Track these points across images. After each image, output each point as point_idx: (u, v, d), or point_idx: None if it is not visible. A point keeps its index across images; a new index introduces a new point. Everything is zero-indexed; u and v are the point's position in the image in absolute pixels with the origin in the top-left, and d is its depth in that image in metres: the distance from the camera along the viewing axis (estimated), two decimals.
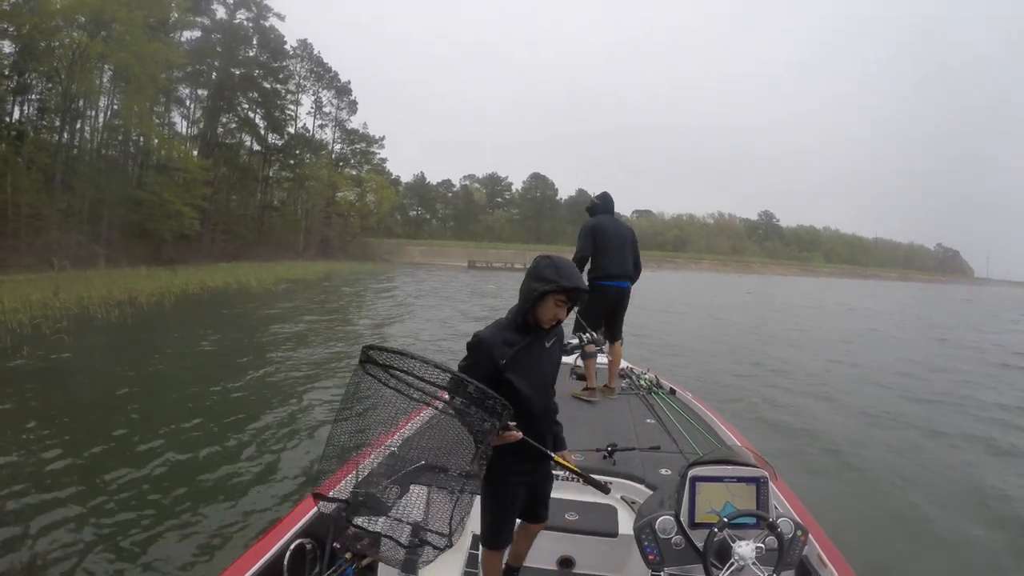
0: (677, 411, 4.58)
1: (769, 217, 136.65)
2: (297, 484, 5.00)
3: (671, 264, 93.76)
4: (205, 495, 4.69)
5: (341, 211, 63.25)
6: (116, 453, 5.51)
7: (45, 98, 33.53)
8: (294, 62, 58.71)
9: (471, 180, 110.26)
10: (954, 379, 11.60)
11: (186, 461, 5.40)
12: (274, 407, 7.36)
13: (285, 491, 4.85)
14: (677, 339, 15.23)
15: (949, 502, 5.29)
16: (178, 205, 36.55)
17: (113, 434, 5.99)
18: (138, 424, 6.37)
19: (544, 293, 2.26)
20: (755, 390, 9.51)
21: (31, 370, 8.84)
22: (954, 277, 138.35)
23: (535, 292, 2.26)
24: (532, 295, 2.26)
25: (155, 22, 34.89)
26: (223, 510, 4.45)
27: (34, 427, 6.14)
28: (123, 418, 6.57)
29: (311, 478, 4.83)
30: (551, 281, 2.24)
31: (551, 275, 2.26)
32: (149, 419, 6.53)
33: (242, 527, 4.22)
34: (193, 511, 4.40)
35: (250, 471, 5.26)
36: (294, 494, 4.75)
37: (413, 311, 19.54)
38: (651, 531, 2.19)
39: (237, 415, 6.87)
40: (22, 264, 24.05)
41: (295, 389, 8.30)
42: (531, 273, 2.32)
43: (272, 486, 4.97)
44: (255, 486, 4.94)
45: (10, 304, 13.60)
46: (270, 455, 5.70)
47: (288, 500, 4.61)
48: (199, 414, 6.80)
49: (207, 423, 6.52)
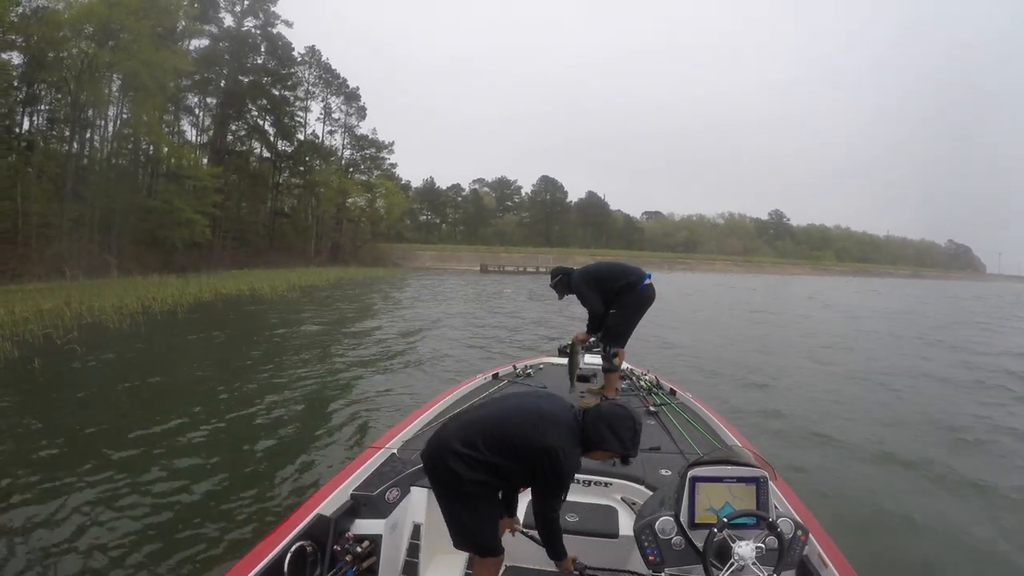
0: (677, 412, 4.55)
1: (779, 216, 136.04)
2: (296, 487, 4.98)
3: (683, 265, 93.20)
4: (205, 501, 4.68)
5: (352, 217, 63.13)
6: (119, 461, 5.45)
7: (54, 108, 33.40)
8: (302, 69, 58.78)
9: (480, 184, 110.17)
10: (956, 378, 11.29)
11: (188, 466, 5.38)
12: (285, 416, 7.21)
13: (285, 494, 4.84)
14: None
15: (951, 501, 5.27)
16: (189, 213, 36.35)
17: (119, 442, 5.93)
18: (144, 433, 6.25)
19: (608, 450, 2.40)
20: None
21: (41, 384, 8.43)
22: (966, 274, 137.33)
23: (604, 444, 2.37)
24: (601, 444, 2.38)
25: (163, 31, 34.67)
26: (224, 514, 4.44)
27: (38, 433, 6.11)
28: (129, 428, 6.39)
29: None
30: (623, 446, 2.37)
31: (629, 441, 2.38)
32: (156, 429, 6.42)
33: (243, 530, 4.21)
34: (194, 515, 4.39)
35: (251, 476, 5.25)
36: (293, 496, 4.74)
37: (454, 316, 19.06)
38: (651, 532, 2.21)
39: (246, 423, 6.81)
40: (33, 273, 23.90)
41: (306, 398, 8.06)
42: (612, 426, 2.37)
43: (273, 489, 4.96)
44: (255, 490, 4.90)
45: (21, 314, 13.30)
46: (272, 459, 5.70)
47: (288, 503, 4.58)
48: (207, 422, 6.75)
49: (215, 433, 6.43)
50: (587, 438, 2.38)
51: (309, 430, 6.62)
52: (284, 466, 5.46)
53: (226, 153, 48.38)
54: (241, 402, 7.69)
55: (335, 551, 2.58)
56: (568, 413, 2.45)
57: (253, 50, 51.43)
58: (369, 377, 9.43)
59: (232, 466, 5.42)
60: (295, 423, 6.92)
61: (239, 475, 5.24)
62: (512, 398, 2.63)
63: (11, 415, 6.86)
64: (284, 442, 6.22)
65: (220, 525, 4.26)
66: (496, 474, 2.36)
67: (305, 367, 10.07)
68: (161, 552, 3.87)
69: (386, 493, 2.94)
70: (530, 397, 2.63)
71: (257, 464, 5.55)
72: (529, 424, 2.35)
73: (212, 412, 7.13)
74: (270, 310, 19.49)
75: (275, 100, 52.97)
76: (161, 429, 6.39)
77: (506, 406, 2.51)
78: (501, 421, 2.40)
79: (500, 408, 2.51)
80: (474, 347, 12.68)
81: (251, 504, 4.63)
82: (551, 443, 2.28)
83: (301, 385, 8.74)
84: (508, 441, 2.33)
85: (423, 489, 3.04)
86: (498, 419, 2.42)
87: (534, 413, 2.40)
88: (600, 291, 4.92)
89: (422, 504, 3.04)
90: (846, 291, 47.51)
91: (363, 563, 2.63)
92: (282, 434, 6.49)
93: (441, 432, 2.47)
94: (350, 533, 2.72)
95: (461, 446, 2.33)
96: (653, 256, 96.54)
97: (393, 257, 68.20)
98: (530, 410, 2.42)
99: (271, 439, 6.31)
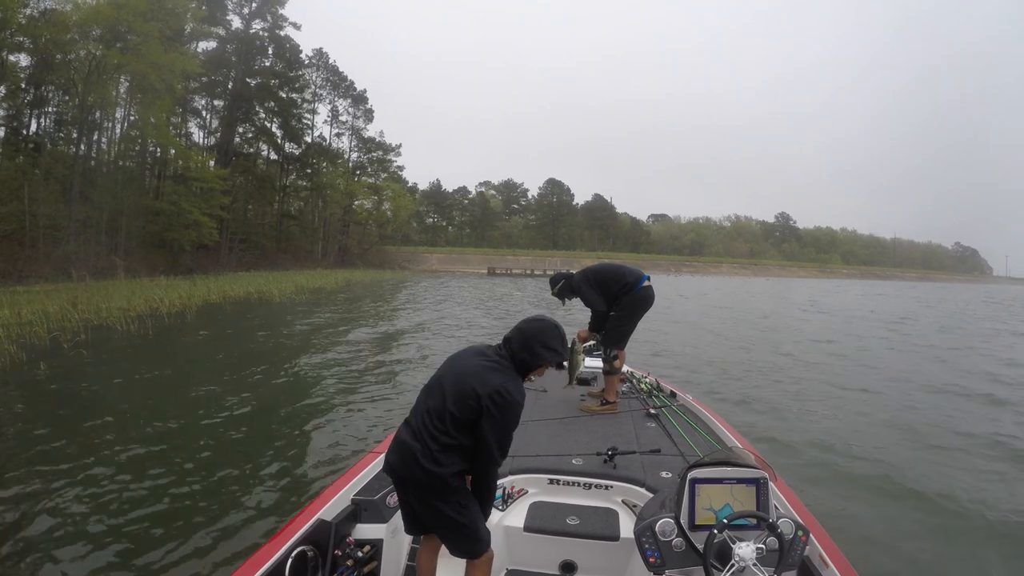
0: (678, 414, 4.53)
1: (786, 219, 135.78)
2: (298, 492, 4.90)
3: (691, 269, 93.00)
4: (208, 505, 4.61)
5: (359, 219, 62.98)
6: (122, 465, 5.40)
7: (62, 110, 33.34)
8: (310, 71, 58.59)
9: (487, 186, 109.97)
10: (956, 378, 11.16)
11: (189, 470, 5.33)
12: (287, 420, 7.10)
13: (286, 498, 4.78)
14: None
15: (951, 501, 5.18)
16: (196, 215, 36.32)
17: (122, 448, 5.81)
18: (147, 437, 6.20)
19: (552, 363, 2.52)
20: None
21: (47, 391, 8.16)
22: (973, 276, 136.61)
23: (541, 360, 2.46)
24: (537, 362, 2.46)
25: (170, 33, 34.56)
26: (226, 519, 4.38)
27: (38, 439, 5.96)
28: (133, 433, 6.30)
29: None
30: (559, 354, 2.51)
31: (560, 346, 2.51)
32: (160, 434, 6.33)
33: (244, 534, 4.16)
34: (195, 519, 4.34)
35: (252, 481, 5.16)
36: (295, 499, 4.72)
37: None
38: (652, 534, 2.21)
39: (249, 428, 6.70)
40: (40, 274, 23.75)
41: (309, 402, 7.92)
42: (539, 339, 2.45)
43: (274, 493, 4.90)
44: (257, 496, 4.83)
45: (28, 316, 13.01)
46: (273, 464, 5.60)
47: (289, 506, 4.56)
48: (211, 427, 6.68)
49: (218, 437, 6.36)
50: (521, 363, 2.44)
51: (311, 434, 6.57)
52: (285, 470, 5.43)
53: (233, 155, 48.23)
54: (245, 406, 7.54)
55: (336, 556, 2.58)
56: (491, 353, 2.46)
57: (261, 52, 51.45)
58: (373, 381, 9.23)
59: (233, 470, 5.35)
60: (297, 427, 6.82)
61: (240, 479, 5.18)
62: (445, 378, 2.44)
63: (12, 423, 6.62)
64: (286, 446, 6.16)
65: (221, 529, 4.22)
66: (468, 454, 2.34)
67: (312, 371, 9.91)
68: (162, 556, 3.82)
69: (387, 497, 2.93)
70: (453, 366, 2.48)
71: (258, 468, 5.45)
72: (469, 386, 2.30)
73: (217, 417, 7.00)
74: (278, 313, 19.21)
75: (283, 102, 52.93)
76: (164, 434, 6.30)
77: (444, 386, 2.39)
78: (447, 400, 2.32)
79: (439, 390, 2.39)
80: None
81: (253, 508, 4.57)
82: (495, 385, 2.28)
83: (305, 389, 8.65)
84: (464, 412, 2.28)
85: None
86: (444, 400, 2.33)
87: (468, 374, 2.35)
88: (602, 292, 4.95)
89: None
90: (852, 294, 47.16)
91: (364, 568, 2.61)
92: (285, 438, 6.42)
93: (400, 438, 2.41)
94: (351, 538, 2.72)
95: (430, 441, 2.29)
96: (660, 259, 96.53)
97: (400, 260, 68.08)
98: (464, 374, 2.37)
99: (273, 443, 6.23)
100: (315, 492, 3.97)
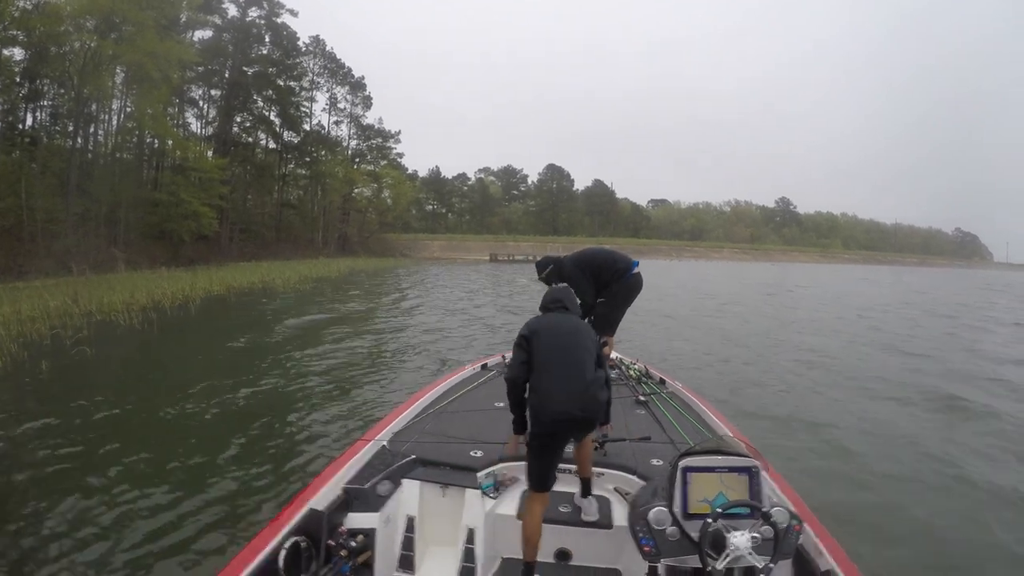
0: (667, 401, 4.54)
1: (786, 204, 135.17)
2: (290, 483, 4.82)
3: (692, 254, 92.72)
4: (201, 497, 4.55)
5: (359, 207, 62.65)
6: (117, 457, 5.40)
7: (57, 103, 32.91)
8: (307, 59, 57.94)
9: (486, 173, 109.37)
10: (955, 362, 11.24)
11: (182, 462, 5.30)
12: (288, 415, 6.89)
13: (278, 487, 4.75)
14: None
15: (945, 488, 5.19)
16: (196, 205, 36.09)
17: (121, 439, 5.83)
18: (146, 430, 6.22)
19: None
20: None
21: (48, 391, 7.95)
22: (972, 262, 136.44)
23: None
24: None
25: (166, 22, 34.11)
26: (217, 508, 4.37)
27: (39, 438, 5.87)
28: (134, 425, 6.37)
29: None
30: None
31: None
32: (156, 426, 6.35)
33: (235, 523, 4.16)
34: (189, 512, 4.30)
35: (244, 470, 5.13)
36: (284, 489, 4.67)
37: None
38: (645, 523, 2.23)
39: (253, 420, 6.57)
40: (40, 269, 23.49)
41: (322, 399, 7.69)
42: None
43: (265, 483, 4.87)
44: (247, 484, 4.82)
45: (28, 313, 12.76)
46: (265, 453, 5.57)
47: (280, 495, 4.54)
48: (207, 420, 6.63)
49: (216, 428, 6.36)
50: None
51: (302, 422, 6.55)
52: (276, 458, 5.41)
53: (232, 145, 47.84)
54: (240, 397, 7.49)
55: (329, 546, 2.57)
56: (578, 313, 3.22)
57: (258, 40, 50.83)
58: (367, 370, 9.13)
59: (224, 459, 5.36)
60: (291, 415, 6.79)
61: (231, 468, 5.17)
62: (558, 350, 2.82)
63: (13, 425, 6.40)
64: (277, 434, 6.15)
65: (213, 518, 4.21)
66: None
67: (309, 360, 9.81)
68: (154, 548, 3.81)
69: (377, 486, 2.96)
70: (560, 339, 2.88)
71: (249, 456, 5.45)
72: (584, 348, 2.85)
73: (213, 409, 6.95)
74: (282, 303, 18.95)
75: (281, 91, 52.40)
76: (160, 426, 6.32)
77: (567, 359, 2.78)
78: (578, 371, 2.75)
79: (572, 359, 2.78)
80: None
81: (244, 497, 4.57)
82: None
83: (300, 377, 8.59)
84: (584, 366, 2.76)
85: (415, 482, 3.09)
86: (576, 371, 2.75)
87: (576, 335, 2.92)
88: (593, 278, 4.93)
89: (414, 496, 3.05)
90: (851, 278, 46.96)
91: (358, 557, 2.61)
92: (277, 426, 6.39)
93: (571, 391, 2.67)
94: (343, 527, 2.72)
95: (596, 391, 2.71)
96: (661, 244, 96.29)
97: (401, 247, 67.85)
98: (576, 345, 2.84)
99: (265, 430, 6.22)
100: (305, 480, 3.91)
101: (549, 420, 2.65)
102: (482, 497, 3.04)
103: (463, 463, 3.26)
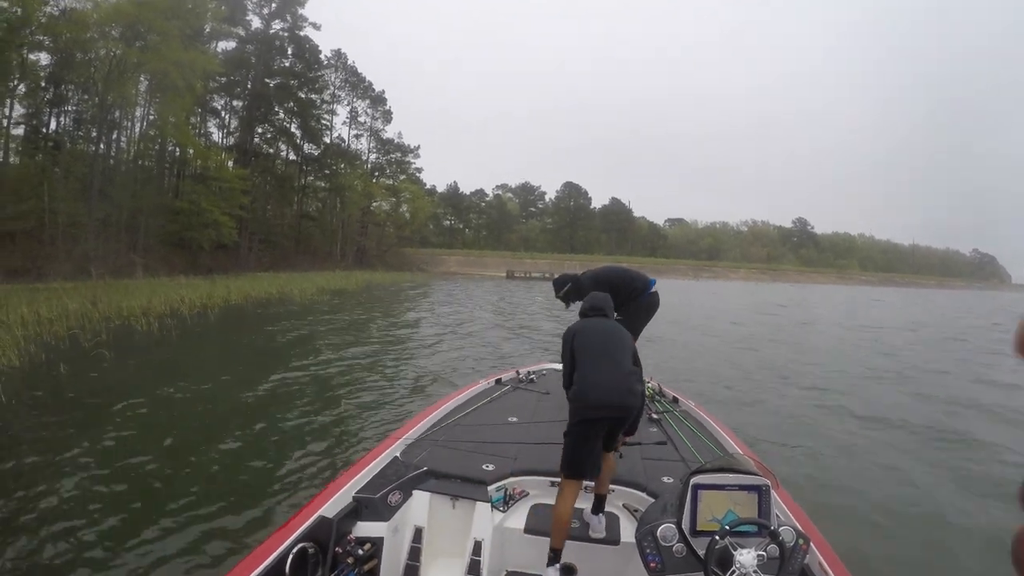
0: (680, 419, 4.58)
1: (803, 224, 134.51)
2: (300, 490, 4.80)
3: (710, 274, 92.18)
4: (210, 502, 4.51)
5: (377, 221, 62.68)
6: (129, 459, 5.34)
7: (81, 109, 33.07)
8: (329, 72, 58.28)
9: (504, 189, 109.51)
10: (967, 385, 11.02)
11: (192, 466, 5.29)
12: (294, 418, 6.93)
13: (289, 495, 4.70)
14: None
15: (954, 510, 5.11)
16: (216, 215, 35.94)
17: (133, 443, 5.80)
18: (159, 435, 6.06)
19: None
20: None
21: (65, 394, 7.54)
22: (990, 283, 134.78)
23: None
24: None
25: (190, 32, 34.31)
26: (227, 515, 4.33)
27: (54, 443, 5.64)
28: (149, 430, 6.21)
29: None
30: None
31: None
32: (171, 431, 6.21)
33: (245, 529, 4.12)
34: (195, 517, 4.26)
35: (256, 476, 5.14)
36: (295, 497, 4.62)
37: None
38: (652, 539, 2.21)
39: (256, 426, 6.57)
40: (59, 272, 23.37)
41: (324, 402, 7.74)
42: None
43: (277, 490, 4.82)
44: (258, 491, 4.78)
45: (47, 314, 12.47)
46: (278, 461, 5.52)
47: (292, 504, 4.48)
48: (221, 428, 6.48)
49: (228, 436, 6.18)
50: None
51: (316, 431, 6.50)
52: (288, 466, 5.36)
53: (253, 155, 47.95)
54: (256, 405, 7.42)
55: (337, 553, 2.55)
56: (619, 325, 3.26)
57: (280, 53, 51.05)
58: (381, 383, 8.93)
59: (238, 466, 5.36)
60: (305, 424, 6.73)
61: (244, 475, 5.17)
62: (599, 354, 2.97)
63: (29, 429, 6.12)
64: (290, 442, 6.08)
65: (222, 524, 4.18)
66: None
67: (325, 370, 9.64)
68: (162, 550, 3.79)
69: (388, 496, 2.94)
70: (598, 343, 3.04)
71: (263, 464, 5.42)
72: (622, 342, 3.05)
73: (227, 418, 6.83)
74: (301, 314, 18.57)
75: (302, 103, 52.47)
76: (174, 431, 6.21)
77: (604, 363, 2.92)
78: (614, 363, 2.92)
79: (609, 359, 2.93)
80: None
81: (254, 504, 4.51)
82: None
83: (316, 387, 8.52)
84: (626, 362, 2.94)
85: (425, 493, 3.08)
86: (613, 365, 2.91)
87: (614, 335, 3.09)
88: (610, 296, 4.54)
89: (424, 507, 3.05)
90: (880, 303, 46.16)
91: (365, 565, 2.60)
92: (290, 434, 6.35)
93: (610, 381, 2.82)
94: (352, 535, 2.72)
95: (634, 383, 2.85)
96: (679, 263, 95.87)
97: (418, 261, 67.70)
98: (614, 342, 3.03)
99: (279, 439, 6.18)
100: (317, 488, 3.94)
101: (590, 407, 2.79)
102: (491, 510, 3.02)
103: (474, 476, 3.26)
